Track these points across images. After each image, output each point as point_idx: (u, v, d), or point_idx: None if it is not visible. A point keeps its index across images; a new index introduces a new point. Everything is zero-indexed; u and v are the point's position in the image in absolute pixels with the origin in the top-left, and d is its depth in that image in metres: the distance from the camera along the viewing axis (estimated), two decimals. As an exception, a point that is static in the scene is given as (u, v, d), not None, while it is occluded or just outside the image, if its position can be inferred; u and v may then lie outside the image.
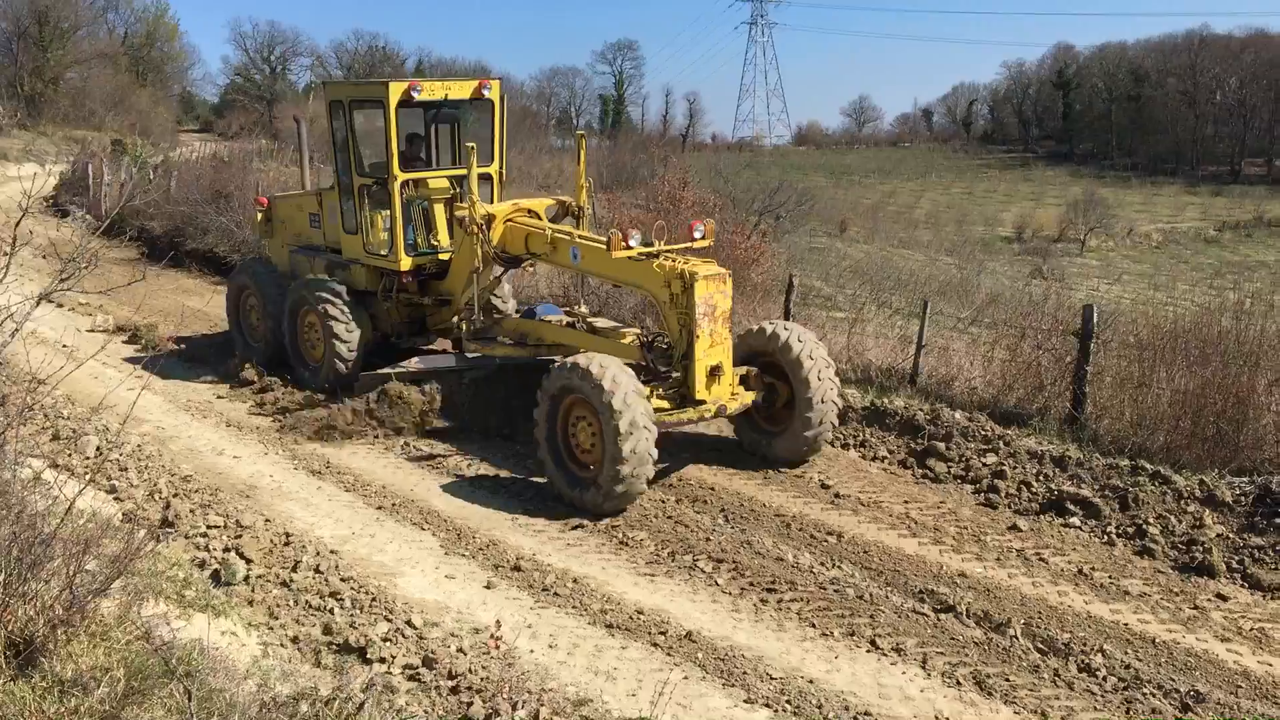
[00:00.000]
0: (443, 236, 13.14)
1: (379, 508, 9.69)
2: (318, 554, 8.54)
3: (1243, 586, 8.21)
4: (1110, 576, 8.38)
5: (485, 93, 12.93)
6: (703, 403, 10.03)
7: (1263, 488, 9.08)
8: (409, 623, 7.41)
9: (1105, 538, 9.02)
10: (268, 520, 9.21)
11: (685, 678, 6.88)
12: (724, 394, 10.19)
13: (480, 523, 9.38)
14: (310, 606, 7.63)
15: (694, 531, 9.20)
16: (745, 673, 6.94)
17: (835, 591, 8.10)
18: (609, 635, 7.42)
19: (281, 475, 10.48)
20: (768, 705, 6.58)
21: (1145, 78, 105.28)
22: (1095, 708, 6.62)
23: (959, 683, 6.87)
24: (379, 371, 12.01)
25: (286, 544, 8.71)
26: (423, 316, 13.61)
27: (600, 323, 12.02)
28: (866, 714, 6.50)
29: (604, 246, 10.43)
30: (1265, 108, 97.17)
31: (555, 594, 8.02)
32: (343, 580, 8.06)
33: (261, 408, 12.65)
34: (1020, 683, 6.87)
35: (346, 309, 12.87)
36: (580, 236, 11.24)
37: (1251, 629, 7.59)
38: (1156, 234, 77.08)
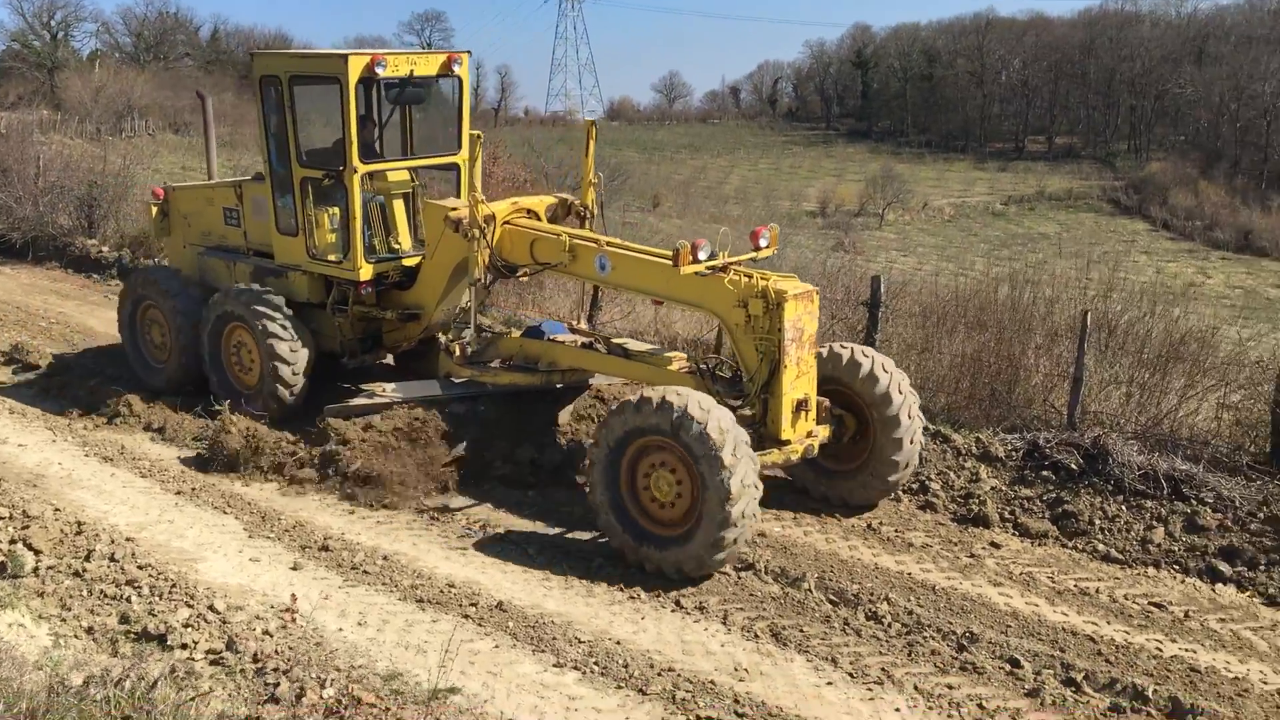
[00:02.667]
0: (404, 238, 11.41)
1: (178, 493, 9.41)
2: (112, 542, 8.24)
3: (1013, 535, 8.90)
4: (896, 530, 8.95)
5: (455, 68, 10.95)
6: (787, 443, 8.56)
7: (1031, 443, 9.83)
8: (211, 607, 7.26)
9: (892, 494, 9.61)
10: (57, 510, 8.81)
11: (496, 646, 7.00)
12: (806, 431, 8.76)
13: (286, 505, 9.23)
14: (105, 596, 7.38)
15: (504, 502, 9.33)
16: (555, 638, 7.12)
17: (642, 556, 8.38)
18: (420, 610, 7.47)
19: (71, 463, 10.03)
20: (576, 668, 6.78)
21: (937, 58, 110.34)
22: (881, 652, 7.09)
23: (757, 635, 7.24)
24: (350, 404, 9.94)
25: (78, 533, 8.36)
26: (377, 332, 11.56)
27: (633, 344, 10.12)
28: (670, 669, 6.78)
29: (664, 260, 8.90)
30: (1045, 88, 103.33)
31: (365, 572, 8.00)
32: (140, 568, 7.81)
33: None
34: (813, 632, 7.30)
35: (290, 325, 10.83)
36: (609, 243, 9.49)
37: (1021, 573, 8.25)
38: (949, 208, 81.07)
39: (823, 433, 8.89)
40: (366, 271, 10.82)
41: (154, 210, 12.82)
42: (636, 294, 10.68)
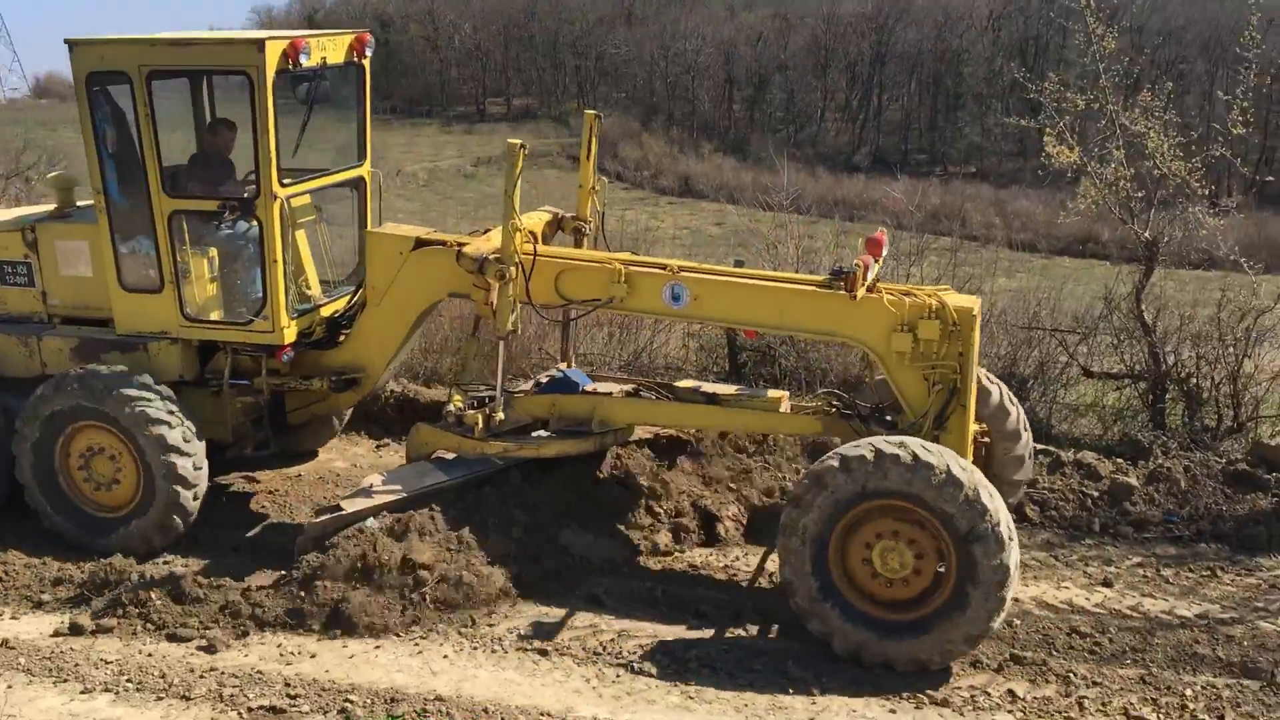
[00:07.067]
0: (313, 282, 8.82)
1: None
2: None
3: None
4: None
5: (368, 52, 8.53)
6: None
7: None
8: None
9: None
10: None
11: (9, 686, 6.43)
12: None
13: None
14: None
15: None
16: (78, 664, 6.67)
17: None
18: (-95, 667, 6.63)
19: None
20: (108, 689, 6.42)
21: (390, 23, 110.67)
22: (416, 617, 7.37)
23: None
24: (339, 514, 7.47)
25: None
26: (276, 409, 8.77)
27: (710, 386, 8.49)
28: (212, 670, 6.61)
29: (785, 284, 7.42)
30: (498, 51, 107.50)
31: None
32: None
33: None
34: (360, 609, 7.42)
35: (179, 412, 7.99)
36: (682, 268, 7.54)
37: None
38: (422, 173, 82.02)
39: None
40: (291, 332, 8.20)
41: None
42: (726, 326, 9.11)
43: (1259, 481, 8.95)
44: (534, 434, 8.13)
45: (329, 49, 8.20)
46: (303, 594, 7.10)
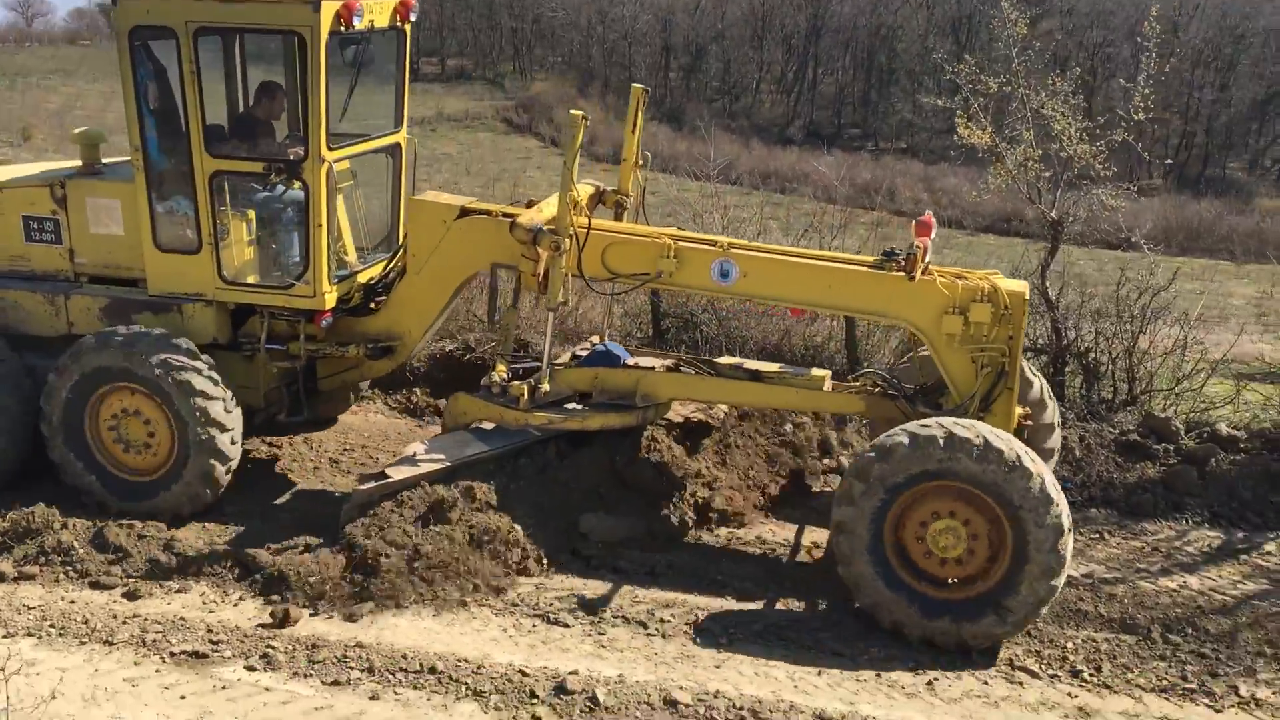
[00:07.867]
0: (349, 248, 8.82)
1: None
2: None
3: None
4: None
5: (412, 17, 8.40)
6: None
7: (465, 346, 10.99)
8: None
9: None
10: None
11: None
12: None
13: None
14: None
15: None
16: (-1, 610, 6.78)
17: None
18: None
19: None
20: (30, 634, 6.58)
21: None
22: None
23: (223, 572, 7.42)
24: (389, 480, 7.41)
25: None
26: (306, 376, 8.65)
27: (751, 363, 8.43)
28: (135, 616, 6.80)
29: (834, 264, 7.51)
30: (432, 9, 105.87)
31: None
32: None
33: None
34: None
35: (219, 379, 7.84)
36: (732, 245, 7.63)
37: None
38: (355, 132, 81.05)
39: None
40: (332, 297, 8.07)
41: None
42: (772, 304, 8.99)
43: (1148, 451, 9.45)
44: (568, 406, 8.05)
45: (376, 12, 8.03)
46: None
